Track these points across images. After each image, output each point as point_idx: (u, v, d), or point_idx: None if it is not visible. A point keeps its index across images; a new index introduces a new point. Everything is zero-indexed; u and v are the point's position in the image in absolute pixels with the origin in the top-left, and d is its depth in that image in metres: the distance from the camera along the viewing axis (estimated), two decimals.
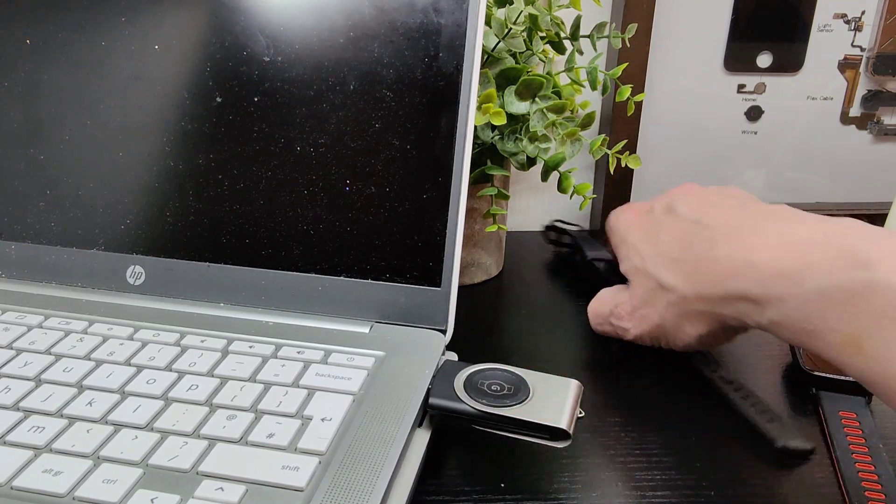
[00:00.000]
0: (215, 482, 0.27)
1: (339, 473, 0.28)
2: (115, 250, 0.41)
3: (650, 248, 0.39)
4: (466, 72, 0.37)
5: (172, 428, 0.30)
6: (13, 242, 0.42)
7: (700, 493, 0.33)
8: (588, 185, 0.50)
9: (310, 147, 0.39)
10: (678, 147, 0.64)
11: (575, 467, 0.34)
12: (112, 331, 0.37)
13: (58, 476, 0.27)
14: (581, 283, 0.54)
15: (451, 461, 0.35)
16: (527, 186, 0.65)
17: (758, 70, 0.61)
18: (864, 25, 0.60)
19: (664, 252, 0.38)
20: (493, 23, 0.46)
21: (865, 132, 0.64)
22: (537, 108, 0.46)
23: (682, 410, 0.39)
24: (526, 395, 0.32)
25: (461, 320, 0.38)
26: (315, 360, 0.35)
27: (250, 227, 0.39)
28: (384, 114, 0.38)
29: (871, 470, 0.33)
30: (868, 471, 0.33)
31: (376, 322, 0.38)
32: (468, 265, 0.53)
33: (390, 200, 0.38)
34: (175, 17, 0.40)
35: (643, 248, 0.40)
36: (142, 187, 0.41)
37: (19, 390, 0.32)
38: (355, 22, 0.38)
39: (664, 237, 0.39)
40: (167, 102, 0.40)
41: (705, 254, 0.36)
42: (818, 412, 0.38)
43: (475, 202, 0.50)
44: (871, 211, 0.64)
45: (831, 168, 0.65)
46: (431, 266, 0.38)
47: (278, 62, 0.39)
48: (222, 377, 0.34)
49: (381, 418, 0.31)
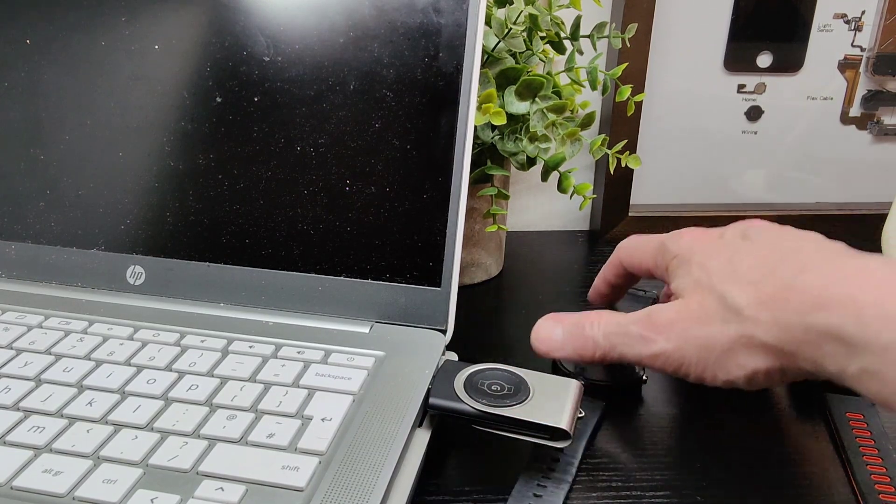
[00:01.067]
0: (215, 482, 0.27)
1: (339, 473, 0.28)
2: (115, 250, 0.41)
3: (721, 266, 0.33)
4: (466, 72, 0.37)
5: (172, 428, 0.30)
6: (13, 242, 0.42)
7: (703, 493, 0.33)
8: (588, 185, 0.50)
9: (310, 147, 0.39)
10: (678, 147, 0.64)
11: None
12: (112, 331, 0.37)
13: (58, 476, 0.27)
14: (581, 284, 0.54)
15: (451, 461, 0.35)
16: (527, 186, 0.65)
17: (758, 70, 0.61)
18: (864, 25, 0.60)
19: (739, 272, 0.32)
20: (493, 23, 0.46)
21: (865, 132, 0.64)
22: (537, 108, 0.46)
23: (683, 410, 0.39)
24: (526, 395, 0.32)
25: (461, 320, 0.38)
26: (315, 360, 0.35)
27: (250, 227, 0.39)
28: (384, 114, 0.38)
29: (882, 472, 0.33)
30: (880, 472, 0.33)
31: (376, 322, 0.38)
32: (468, 265, 0.53)
33: (390, 200, 0.38)
34: (175, 17, 0.40)
35: (711, 264, 0.33)
36: (142, 187, 0.41)
37: (19, 390, 0.32)
38: (355, 22, 0.38)
39: (740, 259, 0.32)
40: (167, 102, 0.40)
41: (792, 280, 0.30)
42: (826, 414, 0.38)
43: (475, 202, 0.50)
44: (871, 211, 0.64)
45: (831, 168, 0.65)
46: (431, 266, 0.38)
47: (278, 62, 0.39)
48: (222, 377, 0.34)
49: (381, 418, 0.31)
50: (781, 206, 0.65)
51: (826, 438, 0.37)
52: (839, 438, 0.36)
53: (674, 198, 0.65)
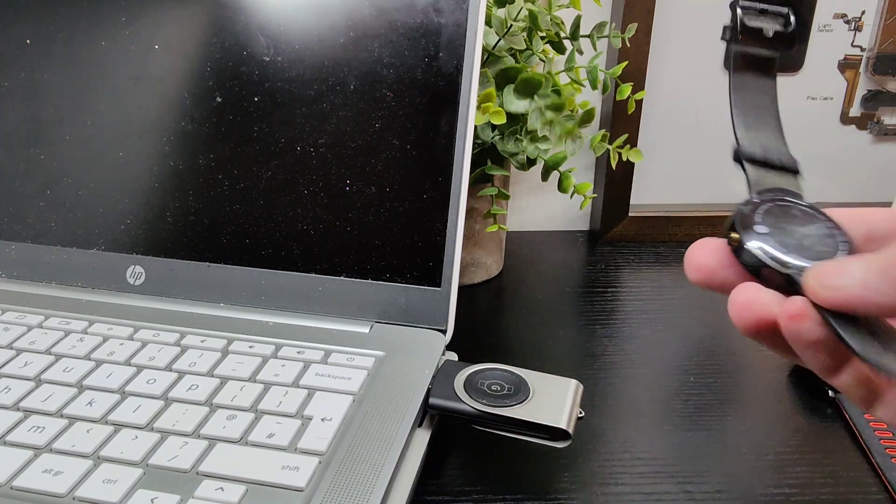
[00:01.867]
0: (215, 482, 0.27)
1: (339, 473, 0.28)
2: (115, 250, 0.41)
3: None
4: (466, 71, 0.37)
5: (172, 428, 0.30)
6: (13, 242, 0.42)
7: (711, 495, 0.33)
8: (588, 185, 0.50)
9: (310, 147, 0.39)
10: (678, 147, 0.64)
11: (575, 467, 0.34)
12: (112, 331, 0.37)
13: (58, 476, 0.27)
14: (581, 284, 0.54)
15: (451, 461, 0.35)
16: (527, 186, 0.65)
17: None
18: (864, 25, 0.60)
19: None
20: (494, 22, 0.46)
21: (865, 132, 0.64)
22: (536, 107, 0.46)
23: (684, 410, 0.39)
24: (526, 395, 0.32)
25: (461, 320, 0.38)
26: (315, 360, 0.35)
27: (250, 227, 0.39)
28: (384, 114, 0.38)
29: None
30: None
31: (376, 322, 0.38)
32: (468, 265, 0.53)
33: (390, 200, 0.38)
34: (175, 17, 0.40)
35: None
36: (142, 187, 0.41)
37: (19, 390, 0.32)
38: (355, 22, 0.38)
39: None
40: (167, 102, 0.40)
41: None
42: (841, 415, 0.38)
43: (475, 202, 0.50)
44: None
45: (831, 168, 0.65)
46: (431, 266, 0.38)
47: (278, 62, 0.39)
48: (222, 377, 0.34)
49: (381, 418, 0.31)
50: None
51: (846, 439, 0.36)
52: (864, 442, 0.35)
53: (674, 198, 0.65)
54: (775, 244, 0.22)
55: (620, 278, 0.56)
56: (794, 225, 0.24)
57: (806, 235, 0.23)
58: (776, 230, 0.23)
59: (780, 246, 0.22)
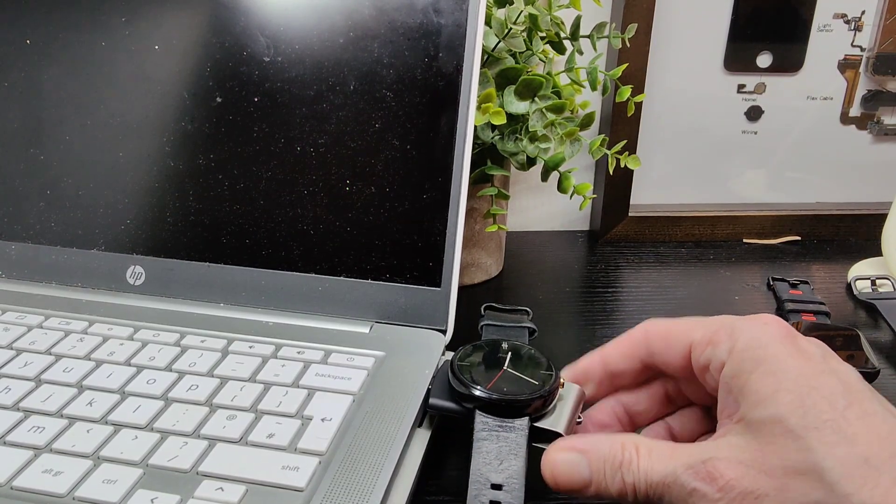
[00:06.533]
0: (215, 482, 0.27)
1: (339, 473, 0.28)
2: (115, 250, 0.41)
3: (830, 415, 0.23)
4: (466, 72, 0.37)
5: (172, 428, 0.30)
6: (13, 242, 0.42)
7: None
8: (588, 185, 0.50)
9: (310, 147, 0.39)
10: (678, 147, 0.64)
11: None
12: (112, 331, 0.37)
13: (58, 476, 0.27)
14: (581, 284, 0.54)
15: (451, 461, 0.35)
16: (527, 186, 0.65)
17: (758, 70, 0.61)
18: (864, 25, 0.60)
19: (857, 438, 0.23)
20: (493, 23, 0.46)
21: (865, 132, 0.64)
22: (536, 108, 0.46)
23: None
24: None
25: (461, 320, 0.38)
26: (315, 361, 0.35)
27: (250, 227, 0.39)
28: (384, 114, 0.38)
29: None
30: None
31: (376, 322, 0.38)
32: (468, 265, 0.53)
33: (390, 200, 0.38)
34: (175, 17, 0.40)
35: (818, 409, 0.24)
36: (142, 187, 0.41)
37: (19, 390, 0.32)
38: (355, 22, 0.38)
39: (856, 416, 0.23)
40: (167, 102, 0.40)
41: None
42: None
43: (475, 202, 0.50)
44: (871, 211, 0.64)
45: (831, 168, 0.65)
46: (431, 266, 0.38)
47: (278, 62, 0.39)
48: (222, 377, 0.34)
49: (381, 418, 0.31)
50: (781, 206, 0.65)
51: None
52: None
53: (674, 198, 0.65)
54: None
55: (620, 278, 0.56)
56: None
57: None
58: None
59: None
